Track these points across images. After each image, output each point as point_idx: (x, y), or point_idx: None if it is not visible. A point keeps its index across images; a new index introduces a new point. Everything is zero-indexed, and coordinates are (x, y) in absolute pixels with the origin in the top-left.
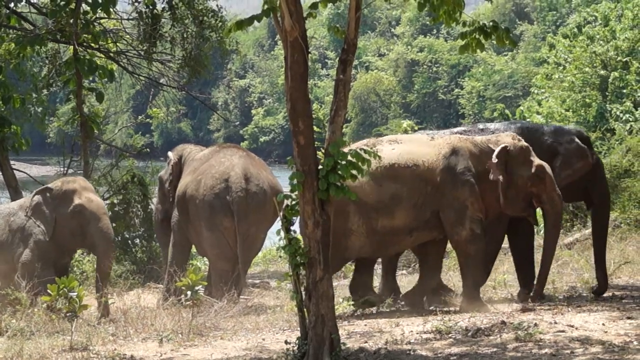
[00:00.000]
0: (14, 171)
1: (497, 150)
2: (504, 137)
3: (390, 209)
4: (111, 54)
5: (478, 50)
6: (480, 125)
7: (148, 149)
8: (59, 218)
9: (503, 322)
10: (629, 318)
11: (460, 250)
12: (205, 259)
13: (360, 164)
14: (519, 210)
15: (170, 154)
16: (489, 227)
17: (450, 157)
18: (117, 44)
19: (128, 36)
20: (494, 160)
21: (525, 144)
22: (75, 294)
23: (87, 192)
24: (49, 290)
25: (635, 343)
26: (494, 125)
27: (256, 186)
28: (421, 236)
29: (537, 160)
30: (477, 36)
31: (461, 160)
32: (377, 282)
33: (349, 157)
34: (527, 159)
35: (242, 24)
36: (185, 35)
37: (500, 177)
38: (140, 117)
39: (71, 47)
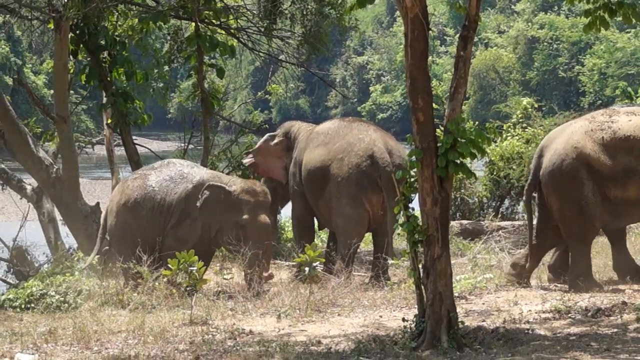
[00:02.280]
0: (136, 146)
1: None
2: None
3: (623, 181)
4: (232, 31)
5: (603, 29)
6: None
7: (267, 125)
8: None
9: (624, 303)
10: None
11: None
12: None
13: (480, 142)
14: None
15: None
16: None
17: None
18: (238, 20)
19: (249, 13)
20: None
21: None
22: (195, 268)
23: (260, 209)
24: (169, 265)
25: None
26: None
27: (399, 158)
28: None
29: None
30: (601, 14)
31: None
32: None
33: (470, 135)
34: None
35: (363, 2)
36: (304, 12)
37: None
38: (259, 93)
39: (193, 23)
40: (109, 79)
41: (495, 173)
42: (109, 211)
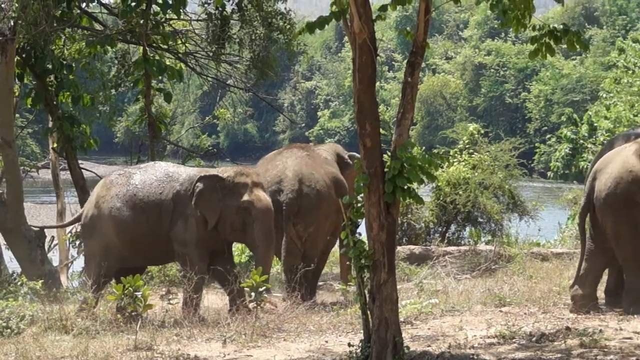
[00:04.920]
0: (82, 170)
1: None
2: None
3: None
4: (180, 55)
5: (548, 55)
6: None
7: (214, 150)
8: (224, 210)
9: (568, 328)
10: None
11: None
12: None
13: (428, 167)
14: None
15: None
16: None
17: None
18: (186, 45)
19: (197, 37)
20: None
21: None
22: (140, 293)
23: (258, 189)
24: (114, 290)
25: None
26: None
27: (308, 187)
28: None
29: None
30: (547, 40)
31: None
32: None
33: (418, 161)
34: None
35: (312, 27)
36: (253, 37)
37: None
38: (207, 117)
39: (141, 47)
40: (55, 102)
41: (441, 198)
42: (88, 212)
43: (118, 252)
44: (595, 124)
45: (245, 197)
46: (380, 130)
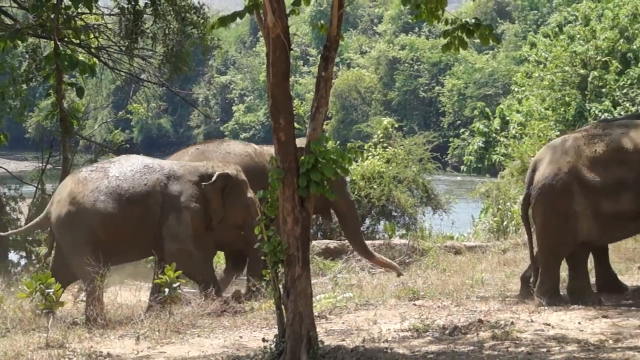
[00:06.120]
0: None
1: None
2: None
3: (616, 194)
4: (92, 50)
5: (461, 49)
6: None
7: (128, 145)
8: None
9: (480, 321)
10: (604, 317)
11: None
12: None
13: (342, 161)
14: None
15: None
16: None
17: None
18: (99, 39)
19: (109, 32)
20: None
21: None
22: (52, 290)
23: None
24: (25, 287)
25: (610, 342)
26: None
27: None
28: None
29: None
30: (459, 34)
31: None
32: None
33: (331, 155)
34: None
35: (225, 21)
36: (167, 32)
37: None
38: (120, 112)
39: (52, 42)
40: None
41: (356, 192)
42: (61, 211)
43: (101, 247)
44: (508, 118)
45: (250, 194)
46: (295, 124)
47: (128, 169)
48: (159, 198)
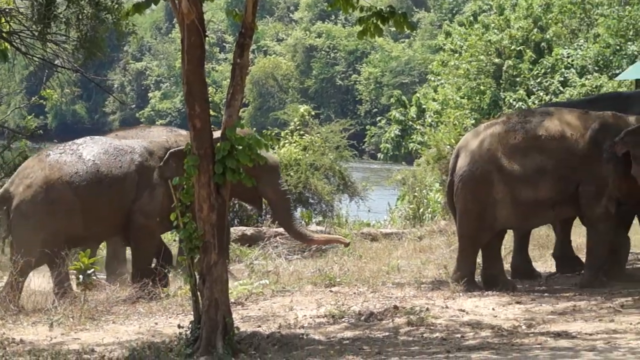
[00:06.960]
0: None
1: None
2: None
3: (534, 181)
4: (4, 34)
5: (376, 36)
6: None
7: (41, 131)
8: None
9: (395, 307)
10: (518, 303)
11: (591, 227)
12: None
13: (258, 148)
14: None
15: None
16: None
17: (599, 133)
18: (10, 23)
19: (22, 16)
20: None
21: None
22: None
23: None
24: None
25: (523, 327)
26: None
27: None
28: (564, 211)
29: None
30: (374, 21)
31: (609, 137)
32: None
33: (247, 142)
34: None
35: (140, 7)
36: (80, 17)
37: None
38: (33, 98)
39: None
40: None
41: None
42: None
43: (75, 233)
44: (424, 106)
45: None
46: (211, 111)
47: (102, 152)
48: (135, 178)
